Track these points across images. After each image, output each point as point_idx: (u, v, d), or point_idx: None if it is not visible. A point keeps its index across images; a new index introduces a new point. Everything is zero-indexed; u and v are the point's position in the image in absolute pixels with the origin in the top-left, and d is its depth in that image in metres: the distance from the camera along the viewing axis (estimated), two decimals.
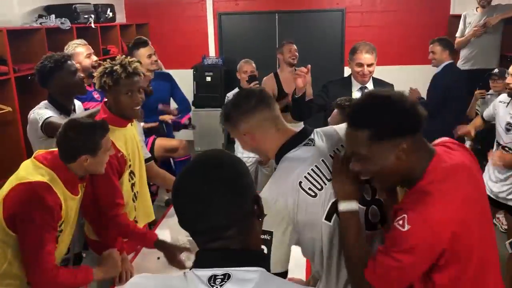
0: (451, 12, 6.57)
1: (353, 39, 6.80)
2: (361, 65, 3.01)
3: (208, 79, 6.46)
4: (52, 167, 1.94)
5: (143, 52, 3.68)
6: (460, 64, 5.04)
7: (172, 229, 2.63)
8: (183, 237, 2.41)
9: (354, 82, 3.11)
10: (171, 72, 4.32)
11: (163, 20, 7.04)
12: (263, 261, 0.98)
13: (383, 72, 4.14)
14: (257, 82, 4.13)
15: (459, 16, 5.39)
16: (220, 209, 0.93)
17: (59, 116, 2.56)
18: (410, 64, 6.62)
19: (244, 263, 0.93)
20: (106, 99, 2.33)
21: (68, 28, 4.64)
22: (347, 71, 6.70)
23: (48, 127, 2.44)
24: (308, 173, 1.43)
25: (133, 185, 2.41)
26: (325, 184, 1.43)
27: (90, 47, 3.43)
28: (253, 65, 4.26)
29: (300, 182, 1.41)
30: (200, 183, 0.94)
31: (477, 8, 5.05)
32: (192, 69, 6.59)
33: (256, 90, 1.56)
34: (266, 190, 1.45)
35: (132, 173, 2.40)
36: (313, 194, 1.41)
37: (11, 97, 3.81)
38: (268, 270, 0.97)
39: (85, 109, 2.87)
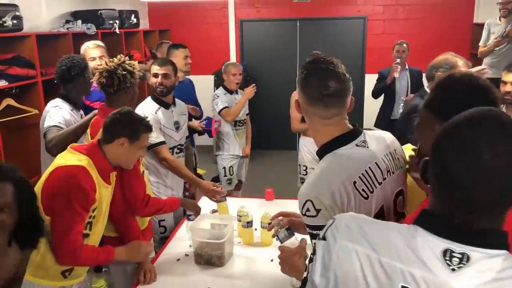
0: (475, 21, 6.51)
1: (375, 47, 6.83)
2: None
3: None
4: (89, 154, 2.06)
5: (180, 52, 3.90)
6: None
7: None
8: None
9: None
10: (192, 77, 4.39)
11: (185, 26, 7.14)
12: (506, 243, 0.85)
13: None
14: (254, 85, 4.31)
15: (482, 25, 5.33)
16: None
17: (70, 113, 2.88)
18: None
19: (487, 245, 0.82)
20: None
21: (93, 33, 4.74)
22: (368, 79, 6.70)
23: (44, 135, 2.75)
24: (363, 174, 1.39)
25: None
26: (376, 188, 1.41)
27: (102, 49, 3.60)
28: (240, 67, 4.38)
29: (355, 182, 1.37)
30: None
31: (500, 17, 4.99)
32: (213, 75, 6.67)
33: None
34: (314, 185, 1.37)
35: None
36: (366, 196, 1.38)
37: (38, 100, 3.91)
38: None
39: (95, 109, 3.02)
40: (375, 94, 5.07)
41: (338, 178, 1.36)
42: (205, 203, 2.93)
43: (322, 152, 1.48)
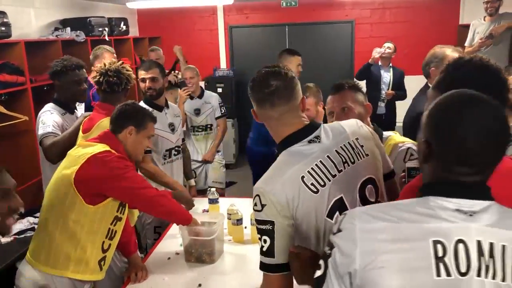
0: (460, 22, 6.61)
1: (363, 50, 6.89)
2: None
3: (219, 90, 6.55)
4: (105, 142, 2.15)
5: (295, 59, 4.01)
6: None
7: None
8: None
9: None
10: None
11: (175, 33, 7.18)
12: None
13: None
14: (187, 88, 4.21)
15: (468, 26, 5.38)
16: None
17: (63, 117, 2.87)
18: (420, 74, 6.63)
19: (485, 197, 1.00)
20: None
21: (82, 40, 4.78)
22: (356, 82, 6.74)
23: (41, 143, 2.75)
24: (312, 168, 1.41)
25: None
26: (329, 181, 1.41)
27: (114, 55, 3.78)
28: (195, 70, 4.34)
29: (303, 177, 1.39)
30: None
31: (484, 17, 5.06)
32: (204, 81, 6.70)
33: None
34: (263, 181, 1.42)
35: None
36: (315, 190, 1.39)
37: (27, 107, 3.93)
38: None
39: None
40: (358, 76, 5.48)
41: (286, 174, 1.40)
42: (197, 203, 2.95)
43: (278, 151, 1.52)
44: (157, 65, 3.17)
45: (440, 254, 0.93)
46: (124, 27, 5.86)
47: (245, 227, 2.66)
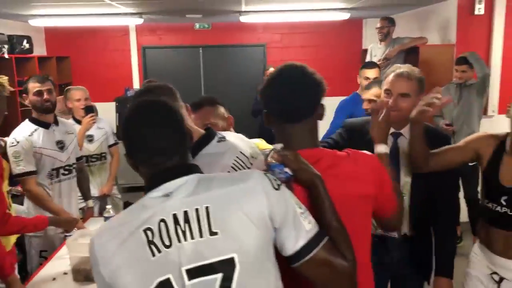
0: (363, 47, 7.06)
1: None
2: None
3: None
4: None
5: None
6: None
7: None
8: None
9: None
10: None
11: (85, 53, 7.00)
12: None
13: None
14: (93, 114, 3.65)
15: None
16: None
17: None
18: (329, 96, 6.95)
19: (184, 174, 1.13)
20: None
21: None
22: None
23: None
24: (235, 160, 1.56)
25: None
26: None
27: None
28: (87, 92, 3.76)
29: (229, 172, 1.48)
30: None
31: (380, 41, 5.47)
32: (115, 101, 6.55)
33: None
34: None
35: None
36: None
37: None
38: None
39: None
40: (254, 112, 5.69)
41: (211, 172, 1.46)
42: (96, 223, 2.85)
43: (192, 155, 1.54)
44: (48, 77, 3.06)
45: (150, 238, 1.05)
46: (27, 45, 5.61)
47: None
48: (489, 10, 4.77)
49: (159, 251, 1.04)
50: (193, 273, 1.04)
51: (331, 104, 3.03)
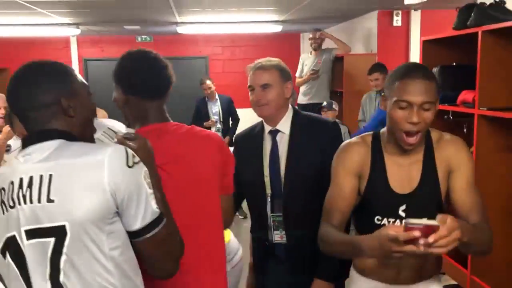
0: None
1: (218, 84, 7.29)
2: None
3: None
4: None
5: None
6: (300, 98, 5.66)
7: None
8: None
9: None
10: None
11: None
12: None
13: (245, 114, 4.57)
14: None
15: None
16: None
17: None
18: None
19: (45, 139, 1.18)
20: None
21: None
22: None
23: None
24: None
25: None
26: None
27: None
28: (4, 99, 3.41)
29: None
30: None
31: (311, 52, 5.75)
32: None
33: None
34: None
35: None
36: None
37: None
38: None
39: None
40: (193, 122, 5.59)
41: None
42: None
43: None
44: None
45: (1, 197, 1.17)
46: None
47: None
48: (406, 22, 5.12)
49: (7, 210, 1.16)
50: (30, 234, 1.13)
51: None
